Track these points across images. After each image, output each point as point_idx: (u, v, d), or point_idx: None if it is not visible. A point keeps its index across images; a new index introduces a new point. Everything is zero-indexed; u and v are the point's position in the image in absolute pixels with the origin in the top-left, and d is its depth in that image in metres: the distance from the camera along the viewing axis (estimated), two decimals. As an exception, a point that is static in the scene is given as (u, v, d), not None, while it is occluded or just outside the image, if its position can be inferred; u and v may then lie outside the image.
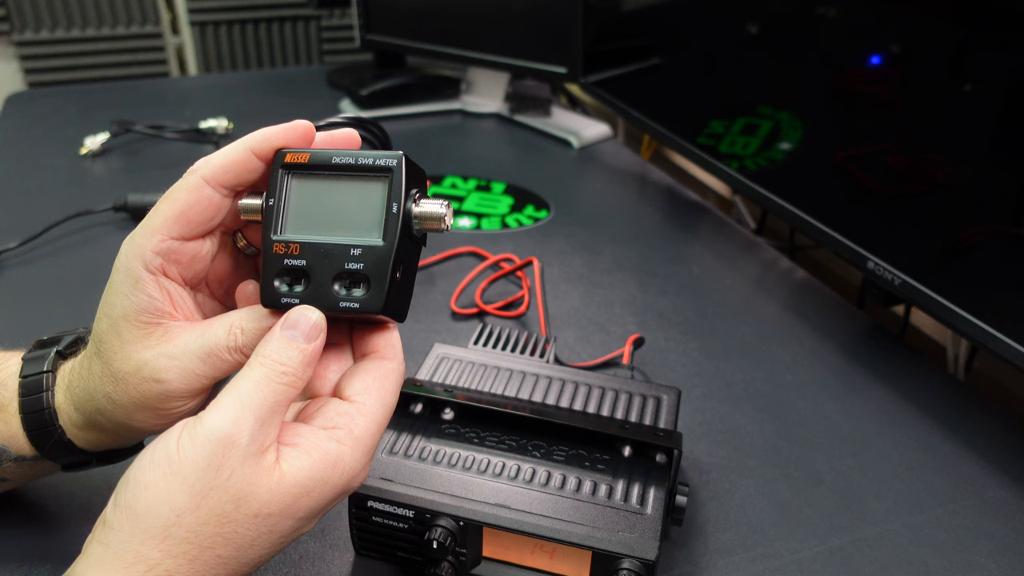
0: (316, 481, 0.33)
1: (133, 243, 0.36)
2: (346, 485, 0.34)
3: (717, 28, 0.85)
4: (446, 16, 1.20)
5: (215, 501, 0.31)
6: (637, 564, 0.40)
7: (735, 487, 0.54)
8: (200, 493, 0.31)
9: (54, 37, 1.82)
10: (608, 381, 0.54)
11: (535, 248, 0.84)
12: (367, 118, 0.81)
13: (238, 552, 0.32)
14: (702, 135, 0.88)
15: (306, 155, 0.36)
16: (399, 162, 0.36)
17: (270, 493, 0.32)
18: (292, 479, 0.33)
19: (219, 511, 0.31)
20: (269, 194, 0.36)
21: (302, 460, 0.33)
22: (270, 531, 0.33)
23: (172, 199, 0.36)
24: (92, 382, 0.38)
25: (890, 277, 0.63)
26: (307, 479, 0.33)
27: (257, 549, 0.33)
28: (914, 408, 0.62)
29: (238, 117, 1.13)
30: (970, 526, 0.51)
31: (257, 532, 0.32)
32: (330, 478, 0.34)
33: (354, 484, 0.35)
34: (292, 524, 0.33)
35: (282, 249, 0.36)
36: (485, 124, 1.23)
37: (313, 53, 2.02)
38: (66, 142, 1.07)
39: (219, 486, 0.31)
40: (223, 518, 0.31)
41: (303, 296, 0.36)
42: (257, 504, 0.32)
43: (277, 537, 0.33)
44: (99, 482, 0.50)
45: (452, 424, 0.49)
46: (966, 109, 0.57)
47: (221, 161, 0.36)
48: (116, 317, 0.36)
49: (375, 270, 0.35)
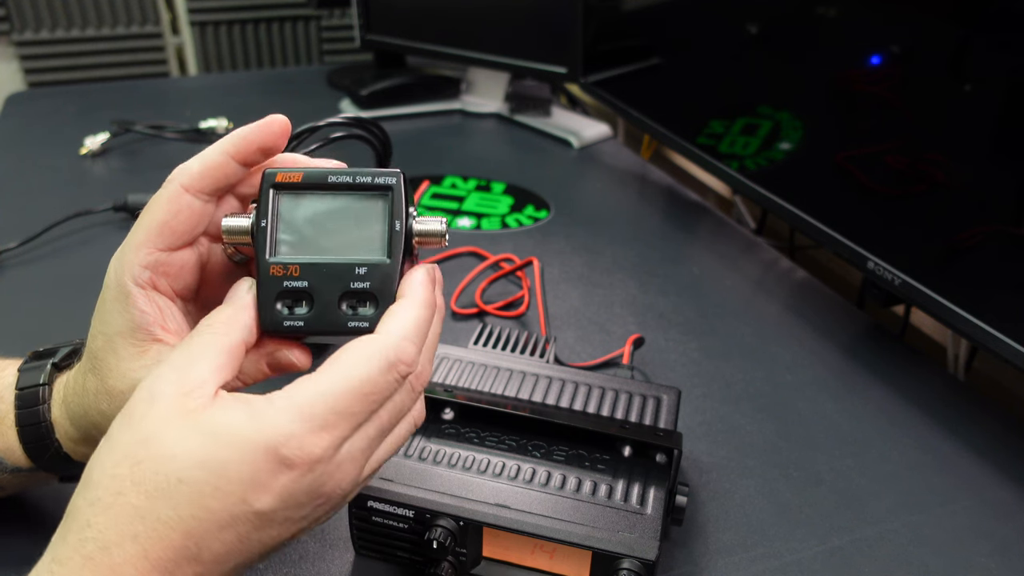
0: (228, 430, 0.30)
1: (121, 259, 0.36)
2: (271, 446, 0.30)
3: (717, 28, 0.85)
4: (446, 16, 1.20)
5: (126, 440, 0.30)
6: (637, 564, 0.40)
7: (735, 487, 0.54)
8: (111, 436, 0.30)
9: (54, 37, 1.82)
10: (608, 381, 0.54)
11: (535, 248, 0.84)
12: (367, 118, 0.81)
13: (151, 502, 0.29)
14: (702, 135, 0.88)
15: (299, 175, 0.36)
16: (398, 180, 0.36)
17: (178, 432, 0.30)
18: (206, 422, 0.30)
19: (129, 453, 0.30)
20: (260, 215, 0.35)
21: (226, 408, 0.31)
22: (185, 480, 0.29)
23: (153, 211, 0.35)
24: (87, 399, 0.37)
25: (890, 277, 0.63)
26: (220, 425, 0.30)
27: (177, 502, 0.29)
28: (914, 408, 0.62)
29: (238, 117, 1.13)
30: (970, 526, 0.51)
31: (168, 480, 0.29)
32: (245, 431, 0.30)
33: (284, 452, 0.30)
34: (218, 486, 0.29)
35: (280, 271, 0.35)
36: (485, 124, 1.23)
37: (313, 53, 2.02)
38: (66, 142, 1.07)
39: (130, 426, 0.30)
40: (133, 461, 0.29)
41: (308, 318, 0.35)
42: (163, 445, 0.29)
43: (201, 497, 0.29)
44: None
45: (452, 424, 0.49)
46: (966, 109, 0.57)
47: (199, 167, 0.36)
48: (111, 335, 0.36)
49: (382, 288, 0.35)
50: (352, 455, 0.32)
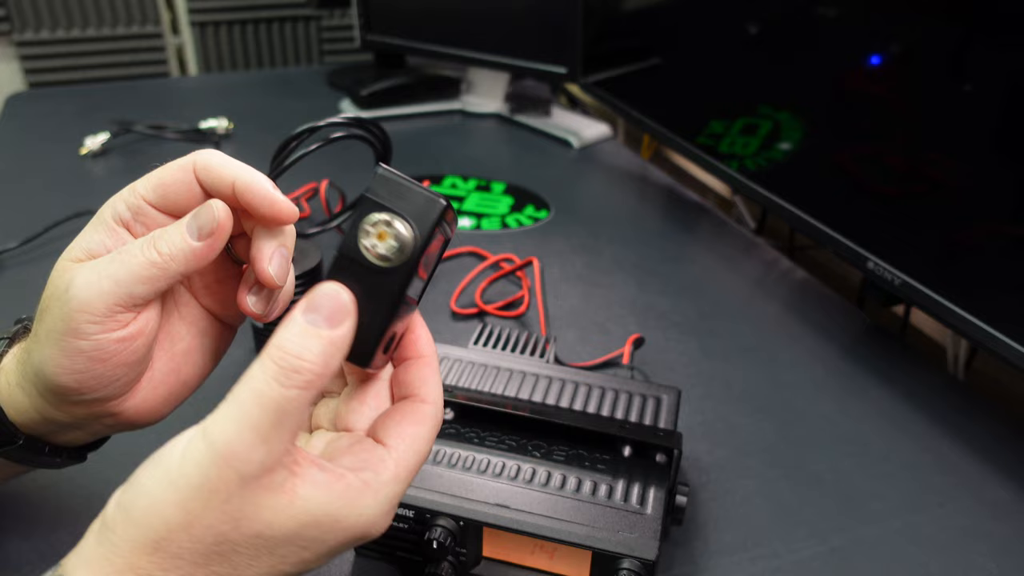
0: (329, 516, 0.31)
1: (114, 196, 0.37)
2: (362, 531, 0.32)
3: (717, 28, 0.85)
4: (446, 16, 1.20)
5: (211, 520, 0.29)
6: (637, 564, 0.40)
7: (735, 487, 0.54)
8: (194, 512, 0.29)
9: (54, 37, 1.82)
10: (608, 381, 0.54)
11: (535, 248, 0.84)
12: (367, 118, 0.81)
13: (234, 570, 0.30)
14: (702, 135, 0.88)
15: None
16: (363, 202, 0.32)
17: (274, 514, 0.30)
18: (303, 506, 0.30)
19: (216, 531, 0.29)
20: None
21: (319, 490, 0.31)
22: (270, 552, 0.31)
23: (162, 167, 0.37)
24: (32, 344, 0.37)
25: (890, 277, 0.63)
26: (319, 511, 0.31)
27: (256, 568, 0.31)
28: (914, 408, 0.62)
29: (238, 117, 1.13)
30: (970, 526, 0.51)
31: (256, 552, 0.30)
32: (345, 518, 0.31)
33: (372, 532, 0.32)
34: (295, 552, 0.31)
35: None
36: (485, 124, 1.23)
37: (313, 53, 2.02)
38: (66, 142, 1.07)
39: (215, 507, 0.29)
40: (220, 537, 0.30)
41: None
42: (259, 525, 0.30)
43: (278, 560, 0.31)
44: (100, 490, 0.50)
45: (452, 424, 0.49)
46: (966, 109, 0.57)
47: (221, 160, 0.36)
48: (68, 260, 0.36)
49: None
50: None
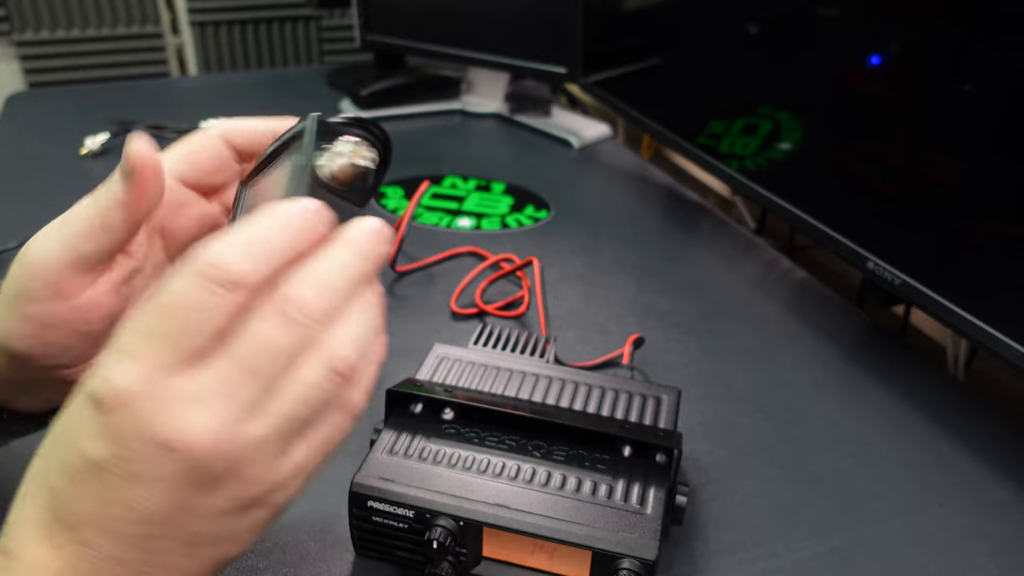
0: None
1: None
2: (86, 392, 0.28)
3: (717, 28, 0.85)
4: (446, 16, 1.20)
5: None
6: (637, 564, 0.40)
7: (735, 487, 0.54)
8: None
9: (54, 37, 1.82)
10: (608, 381, 0.54)
11: (535, 248, 0.84)
12: (367, 118, 0.81)
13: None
14: (702, 135, 0.88)
15: (252, 165, 0.37)
16: (311, 123, 0.34)
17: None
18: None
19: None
20: (232, 216, 0.37)
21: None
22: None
23: (186, 141, 0.38)
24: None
25: (890, 277, 0.63)
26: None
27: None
28: (914, 408, 0.62)
29: (238, 117, 1.13)
30: (970, 526, 0.51)
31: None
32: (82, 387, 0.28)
33: (93, 391, 0.27)
34: (57, 438, 0.29)
35: None
36: (485, 124, 1.23)
37: (313, 53, 2.02)
38: (66, 142, 1.07)
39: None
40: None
41: None
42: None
43: (54, 448, 0.28)
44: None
45: (452, 424, 0.49)
46: (966, 109, 0.57)
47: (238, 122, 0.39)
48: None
49: None
50: (202, 392, 0.27)
